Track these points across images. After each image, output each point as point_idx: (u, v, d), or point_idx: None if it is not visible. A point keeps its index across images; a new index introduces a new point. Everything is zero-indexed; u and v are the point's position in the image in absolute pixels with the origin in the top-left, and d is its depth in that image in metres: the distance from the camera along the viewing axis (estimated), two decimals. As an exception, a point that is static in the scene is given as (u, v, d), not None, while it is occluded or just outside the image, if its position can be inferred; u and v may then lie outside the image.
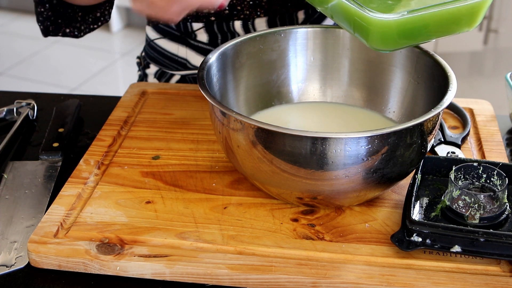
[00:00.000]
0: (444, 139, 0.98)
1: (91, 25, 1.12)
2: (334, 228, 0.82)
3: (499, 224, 0.78)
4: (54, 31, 1.11)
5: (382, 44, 0.80)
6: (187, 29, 1.17)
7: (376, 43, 0.80)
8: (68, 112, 1.07)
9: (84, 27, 1.12)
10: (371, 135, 0.74)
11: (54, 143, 0.99)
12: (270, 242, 0.79)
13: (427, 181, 0.86)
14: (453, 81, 0.84)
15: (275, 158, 0.77)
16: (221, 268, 0.76)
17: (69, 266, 0.78)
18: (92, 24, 1.12)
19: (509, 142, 1.03)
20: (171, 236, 0.80)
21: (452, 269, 0.76)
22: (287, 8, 1.14)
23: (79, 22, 1.10)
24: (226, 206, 0.85)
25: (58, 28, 1.10)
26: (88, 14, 1.10)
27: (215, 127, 0.84)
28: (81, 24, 1.11)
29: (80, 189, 0.88)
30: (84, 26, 1.12)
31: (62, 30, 1.11)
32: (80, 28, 1.11)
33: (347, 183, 0.78)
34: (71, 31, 1.11)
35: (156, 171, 0.92)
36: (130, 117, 1.05)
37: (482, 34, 3.05)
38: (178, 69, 1.22)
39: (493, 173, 0.81)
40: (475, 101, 1.09)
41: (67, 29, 1.11)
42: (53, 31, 1.11)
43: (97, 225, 0.82)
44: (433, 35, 0.82)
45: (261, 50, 0.97)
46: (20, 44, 3.61)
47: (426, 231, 0.75)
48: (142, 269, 0.77)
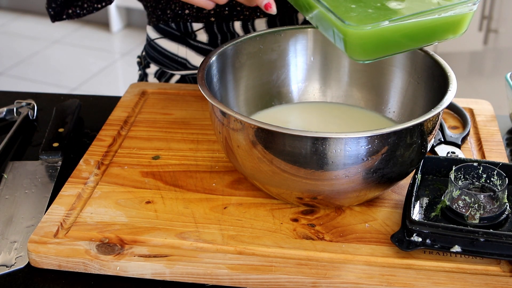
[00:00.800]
0: (444, 139, 0.98)
1: (95, 3, 1.11)
2: (334, 228, 0.82)
3: (499, 224, 0.78)
4: (58, 16, 1.10)
5: (360, 54, 0.80)
6: (187, 29, 1.17)
7: (353, 54, 0.80)
8: (68, 112, 1.07)
9: (88, 5, 1.11)
10: (371, 135, 0.74)
11: (54, 143, 0.99)
12: (270, 242, 0.79)
13: (427, 181, 0.86)
14: (453, 81, 0.84)
15: (275, 158, 0.77)
16: (221, 268, 0.76)
17: (69, 266, 0.78)
18: (96, 3, 1.11)
19: (509, 142, 1.03)
20: (171, 236, 0.80)
21: (452, 269, 0.76)
22: (287, 8, 1.14)
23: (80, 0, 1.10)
24: (226, 206, 0.85)
25: (61, 11, 1.10)
26: None
27: (215, 127, 0.84)
28: (83, 2, 1.10)
29: (80, 189, 0.88)
30: (88, 4, 1.11)
31: (65, 12, 1.10)
32: (82, 6, 1.11)
33: (347, 183, 0.78)
34: (74, 10, 1.11)
35: (156, 171, 0.92)
36: (130, 117, 1.05)
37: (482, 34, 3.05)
38: (178, 69, 1.22)
39: (493, 173, 0.81)
40: (475, 101, 1.09)
41: (69, 10, 1.11)
42: (57, 16, 1.10)
43: (97, 225, 0.82)
44: (416, 44, 0.82)
45: (261, 50, 0.97)
46: (20, 44, 3.61)
47: (426, 231, 0.75)
48: (142, 269, 0.77)
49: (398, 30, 0.78)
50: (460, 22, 0.81)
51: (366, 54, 0.80)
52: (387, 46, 0.80)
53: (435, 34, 0.81)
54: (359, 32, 0.77)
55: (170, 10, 1.16)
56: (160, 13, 1.18)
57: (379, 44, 0.79)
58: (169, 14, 1.17)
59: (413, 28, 0.78)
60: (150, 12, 1.21)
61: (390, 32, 0.78)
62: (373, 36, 0.77)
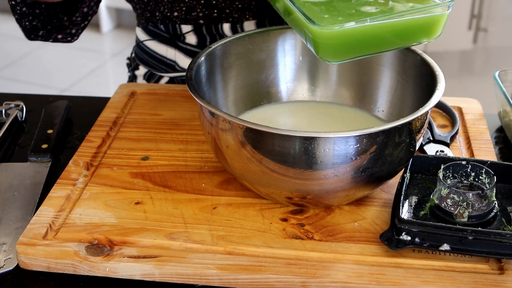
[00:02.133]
0: (433, 138, 0.98)
1: (81, 23, 1.10)
2: (324, 228, 0.82)
3: (487, 222, 0.78)
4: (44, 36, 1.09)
5: (330, 55, 0.80)
6: (176, 31, 1.17)
7: (324, 54, 0.80)
8: (57, 113, 1.07)
9: (76, 29, 1.10)
10: (360, 134, 0.74)
11: (43, 145, 0.99)
12: (260, 242, 0.79)
13: (416, 179, 0.87)
14: (441, 80, 0.84)
15: (264, 158, 0.77)
16: (211, 268, 0.76)
17: (58, 268, 0.78)
18: (82, 22, 1.10)
19: (498, 141, 1.04)
20: (160, 236, 0.80)
21: (441, 268, 0.76)
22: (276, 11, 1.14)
23: (68, 28, 1.09)
24: (215, 206, 0.85)
25: (49, 34, 1.09)
26: (73, 15, 1.08)
27: (204, 127, 0.84)
28: (70, 28, 1.10)
29: (69, 190, 0.88)
30: (76, 28, 1.10)
31: (54, 36, 1.09)
32: (71, 33, 1.10)
33: (336, 182, 0.78)
34: (64, 37, 1.10)
35: (146, 172, 0.92)
36: (119, 118, 1.05)
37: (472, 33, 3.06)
38: (166, 71, 1.22)
39: (481, 171, 0.82)
40: (464, 99, 1.09)
41: (59, 35, 1.10)
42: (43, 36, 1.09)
43: (86, 226, 0.82)
44: (388, 46, 0.82)
45: (250, 50, 0.97)
46: (10, 45, 3.60)
47: (415, 229, 0.76)
48: (132, 270, 0.76)
49: (367, 31, 0.78)
50: (433, 25, 0.81)
51: (336, 55, 0.80)
52: (357, 47, 0.80)
53: (407, 36, 0.81)
54: (327, 32, 0.77)
55: (159, 12, 1.16)
56: (149, 15, 1.18)
57: (348, 45, 0.79)
58: (157, 16, 1.17)
59: (382, 30, 0.79)
60: (139, 14, 1.21)
61: (359, 33, 0.78)
62: (341, 37, 0.78)
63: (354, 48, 0.80)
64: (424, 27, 0.81)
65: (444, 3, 0.80)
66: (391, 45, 0.82)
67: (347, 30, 0.77)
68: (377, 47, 0.81)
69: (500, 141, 1.03)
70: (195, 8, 1.13)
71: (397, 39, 0.81)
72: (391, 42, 0.81)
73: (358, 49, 0.80)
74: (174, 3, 1.13)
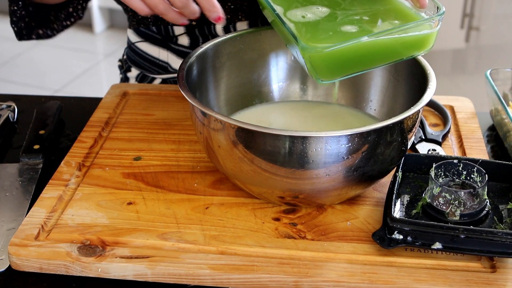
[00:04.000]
0: (425, 137, 0.98)
1: (64, 21, 1.12)
2: (316, 227, 0.82)
3: (479, 221, 0.78)
4: (27, 34, 1.10)
5: (321, 75, 0.80)
6: (168, 32, 1.16)
7: (315, 74, 0.80)
8: (48, 114, 1.07)
9: (57, 24, 1.11)
10: (351, 133, 0.74)
11: (35, 145, 0.99)
12: (252, 241, 0.79)
13: (408, 178, 0.87)
14: (433, 79, 0.84)
15: (256, 158, 0.77)
16: (203, 268, 0.75)
17: (51, 269, 0.77)
18: (65, 20, 1.12)
19: (489, 139, 1.04)
20: (152, 237, 0.80)
21: (434, 266, 0.76)
22: None
23: (51, 22, 1.10)
24: (207, 206, 0.85)
25: (31, 30, 1.10)
26: (60, 11, 1.10)
27: (196, 127, 0.84)
28: (53, 22, 1.10)
29: (61, 191, 0.88)
30: (57, 23, 1.11)
31: (35, 32, 1.11)
32: (52, 27, 1.11)
33: (328, 181, 0.78)
34: (44, 31, 1.11)
35: (138, 172, 0.92)
36: (111, 118, 1.05)
37: (464, 32, 3.07)
38: (159, 72, 1.22)
39: (473, 170, 0.82)
40: (455, 98, 1.09)
41: (40, 30, 1.11)
42: (27, 34, 1.10)
43: (78, 227, 0.82)
44: (380, 62, 0.82)
45: (242, 49, 0.97)
46: (2, 46, 3.59)
47: (407, 228, 0.76)
48: (124, 270, 0.76)
49: (356, 51, 0.78)
50: (425, 40, 0.81)
51: (326, 75, 0.81)
52: (348, 67, 0.81)
53: (398, 53, 0.82)
54: (319, 55, 0.78)
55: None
56: (141, 17, 1.17)
57: (339, 65, 0.80)
58: (149, 18, 1.16)
59: (373, 48, 0.79)
60: (130, 16, 1.21)
61: (349, 52, 0.78)
62: (331, 58, 0.78)
63: (344, 67, 0.80)
64: (415, 42, 0.81)
65: (433, 17, 0.80)
66: (382, 61, 0.82)
67: (336, 51, 0.77)
68: (368, 64, 0.82)
69: (492, 140, 1.04)
70: None
71: (388, 55, 0.82)
72: (382, 58, 0.82)
73: (348, 68, 0.81)
74: None
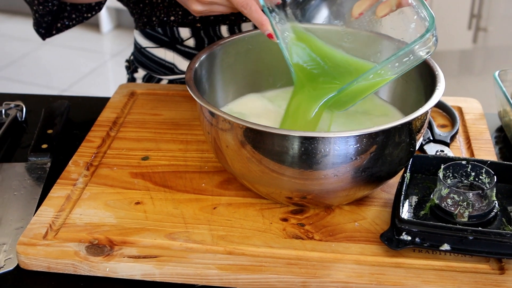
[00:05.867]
0: (433, 138, 0.98)
1: (85, 13, 1.12)
2: (324, 228, 0.82)
3: (488, 222, 0.78)
4: (48, 32, 1.11)
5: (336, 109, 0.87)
6: (174, 34, 1.16)
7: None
8: (56, 114, 1.07)
9: (76, 15, 1.12)
10: (360, 134, 0.74)
11: (43, 145, 0.99)
12: (260, 242, 0.79)
13: (416, 179, 0.86)
14: (441, 80, 0.84)
15: (264, 158, 0.77)
16: (211, 268, 0.75)
17: (59, 268, 0.78)
18: (86, 12, 1.12)
19: (497, 140, 1.04)
20: (160, 236, 0.80)
21: (442, 267, 0.76)
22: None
23: (67, 11, 1.10)
24: (215, 206, 0.85)
25: (50, 27, 1.10)
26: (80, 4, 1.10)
27: (204, 127, 0.84)
28: (70, 13, 1.11)
29: (69, 190, 0.88)
30: (76, 14, 1.12)
31: (55, 27, 1.11)
32: (70, 17, 1.11)
33: (336, 182, 0.78)
34: (62, 23, 1.11)
35: (146, 172, 0.92)
36: (119, 118, 1.05)
37: (472, 32, 3.06)
38: (165, 73, 1.22)
39: (481, 171, 0.82)
40: (464, 99, 1.09)
41: (57, 23, 1.11)
42: (48, 32, 1.11)
43: (86, 226, 0.82)
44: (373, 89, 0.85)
45: (250, 50, 0.97)
46: (10, 45, 3.60)
47: (415, 229, 0.75)
48: (132, 270, 0.76)
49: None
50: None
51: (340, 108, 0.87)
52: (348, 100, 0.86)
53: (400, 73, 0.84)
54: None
55: (155, 17, 1.16)
56: (146, 20, 1.18)
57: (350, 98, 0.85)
58: (154, 21, 1.17)
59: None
60: (136, 19, 1.21)
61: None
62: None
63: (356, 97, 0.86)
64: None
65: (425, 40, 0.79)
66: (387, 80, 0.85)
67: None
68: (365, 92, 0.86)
69: (500, 141, 1.03)
70: None
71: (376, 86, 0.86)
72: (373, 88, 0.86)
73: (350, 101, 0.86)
74: (170, 8, 1.13)
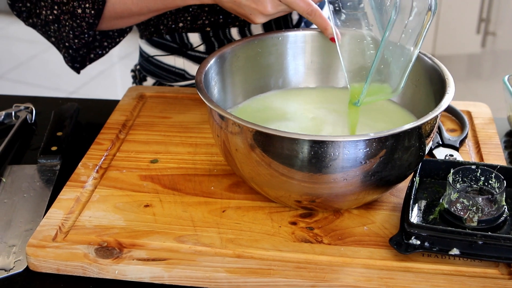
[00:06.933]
0: (442, 142, 0.98)
1: (117, 38, 1.13)
2: (333, 231, 0.82)
3: (497, 227, 0.78)
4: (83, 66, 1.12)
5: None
6: (183, 40, 1.16)
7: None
8: (66, 116, 1.07)
9: (108, 42, 1.12)
10: (369, 138, 0.74)
11: (53, 147, 0.99)
12: (269, 245, 0.79)
13: (425, 184, 0.86)
14: (451, 84, 0.84)
15: (273, 161, 0.77)
16: (220, 271, 0.76)
17: (68, 270, 0.78)
18: (118, 37, 1.12)
19: (507, 145, 1.03)
20: (169, 239, 0.80)
21: (451, 272, 0.76)
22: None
23: (97, 41, 1.11)
24: (224, 209, 0.85)
25: (83, 60, 1.11)
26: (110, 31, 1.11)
27: (214, 130, 0.84)
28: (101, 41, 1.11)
29: (79, 192, 0.88)
30: (108, 41, 1.12)
31: (88, 58, 1.12)
32: (102, 45, 1.12)
33: (345, 186, 0.78)
34: (95, 53, 1.12)
35: (155, 175, 0.92)
36: (128, 121, 1.05)
37: (480, 36, 3.06)
38: (176, 80, 1.22)
39: (491, 175, 0.81)
40: (473, 103, 1.09)
41: (91, 54, 1.12)
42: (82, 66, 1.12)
43: (95, 228, 0.82)
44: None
45: (259, 53, 0.97)
46: (18, 47, 3.61)
47: (425, 234, 0.75)
48: (141, 272, 0.76)
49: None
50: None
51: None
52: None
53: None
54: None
55: (163, 25, 1.16)
56: (153, 29, 1.17)
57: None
58: (162, 29, 1.16)
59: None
60: (142, 29, 1.20)
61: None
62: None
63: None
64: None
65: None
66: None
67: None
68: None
69: (510, 146, 1.03)
70: (200, 16, 1.12)
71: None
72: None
73: None
74: (178, 14, 1.13)
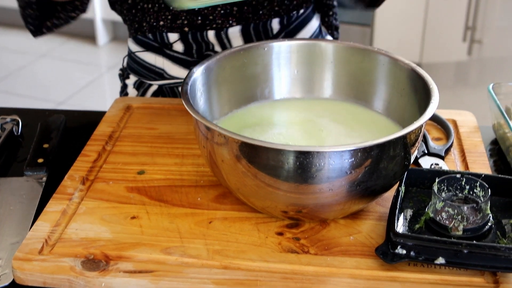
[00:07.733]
0: (428, 151, 0.98)
1: (70, 12, 1.17)
2: (319, 242, 0.82)
3: (482, 236, 0.78)
4: (38, 30, 1.16)
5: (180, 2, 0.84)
6: (163, 39, 1.18)
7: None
8: (53, 128, 1.07)
9: (64, 15, 1.17)
10: (354, 149, 0.75)
11: (39, 159, 0.99)
12: (255, 256, 0.79)
13: (411, 193, 0.87)
14: (435, 93, 0.84)
15: (259, 172, 0.77)
16: (207, 283, 0.76)
17: (54, 283, 0.77)
18: (71, 11, 1.17)
19: (492, 153, 1.04)
20: (156, 251, 0.80)
21: (437, 281, 0.76)
22: (259, 16, 1.15)
23: (57, 11, 1.15)
24: (211, 220, 0.86)
25: (40, 24, 1.15)
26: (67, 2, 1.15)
27: (200, 141, 0.84)
28: (60, 12, 1.16)
29: (65, 205, 0.88)
30: (64, 13, 1.17)
31: (45, 25, 1.16)
32: (59, 16, 1.16)
33: (331, 196, 0.78)
34: (52, 22, 1.16)
35: (141, 186, 0.92)
36: (115, 132, 1.05)
37: (466, 44, 3.07)
38: (155, 79, 1.24)
39: (475, 184, 0.82)
40: (458, 112, 1.10)
41: (48, 22, 1.16)
42: (38, 30, 1.16)
43: (82, 241, 0.82)
44: None
45: (245, 64, 0.97)
46: (6, 58, 3.60)
47: (410, 243, 0.76)
48: (128, 285, 0.76)
49: None
50: None
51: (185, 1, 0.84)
52: None
53: None
54: None
55: (145, 22, 1.19)
56: (137, 26, 1.21)
57: None
58: (145, 27, 1.19)
59: None
60: (128, 26, 1.24)
61: None
62: None
63: None
64: None
65: None
66: None
67: None
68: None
69: (495, 154, 1.04)
70: (180, 16, 1.15)
71: None
72: None
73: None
74: (160, 12, 1.16)
